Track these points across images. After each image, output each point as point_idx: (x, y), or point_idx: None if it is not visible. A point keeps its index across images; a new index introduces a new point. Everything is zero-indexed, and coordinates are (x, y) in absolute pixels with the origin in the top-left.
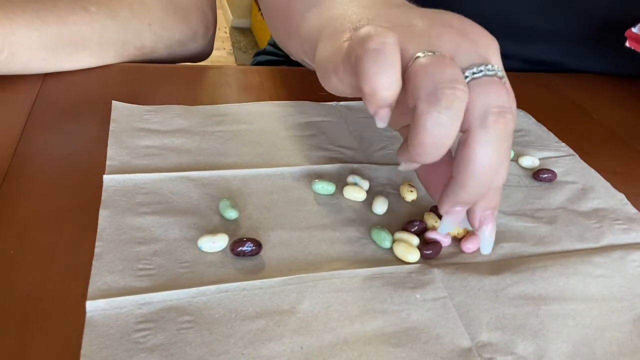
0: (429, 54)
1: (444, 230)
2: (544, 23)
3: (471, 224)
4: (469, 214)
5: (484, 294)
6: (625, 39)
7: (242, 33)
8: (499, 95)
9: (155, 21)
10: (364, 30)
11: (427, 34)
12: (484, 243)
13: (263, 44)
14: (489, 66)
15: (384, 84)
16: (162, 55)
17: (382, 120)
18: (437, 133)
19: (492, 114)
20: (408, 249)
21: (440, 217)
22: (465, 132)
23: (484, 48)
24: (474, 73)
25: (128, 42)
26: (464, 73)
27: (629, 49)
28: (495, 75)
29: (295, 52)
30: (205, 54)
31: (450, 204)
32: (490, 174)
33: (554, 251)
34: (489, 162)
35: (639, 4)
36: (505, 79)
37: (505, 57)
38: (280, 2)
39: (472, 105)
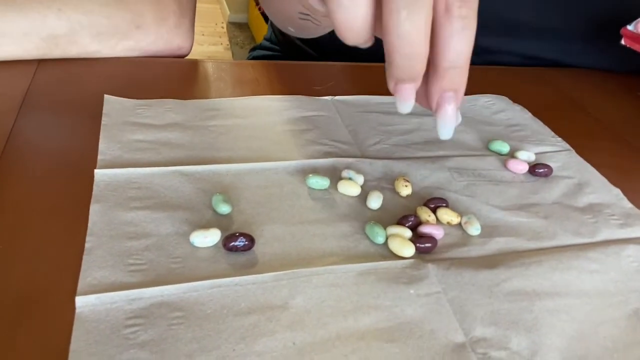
0: None
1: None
2: (540, 20)
3: (430, 107)
4: (427, 96)
5: (478, 289)
6: (620, 37)
7: (239, 28)
8: None
9: (67, 5)
10: None
11: None
12: (441, 126)
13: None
14: None
15: None
16: (95, 48)
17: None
18: (342, 16)
19: None
20: (403, 243)
21: (433, 211)
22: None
23: None
24: None
25: (29, 33)
26: None
27: (625, 46)
28: None
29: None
30: (172, 46)
31: (390, 80)
32: (408, 44)
33: (549, 246)
34: (404, 31)
35: (633, 1)
36: None
37: (501, 52)
38: None
39: None
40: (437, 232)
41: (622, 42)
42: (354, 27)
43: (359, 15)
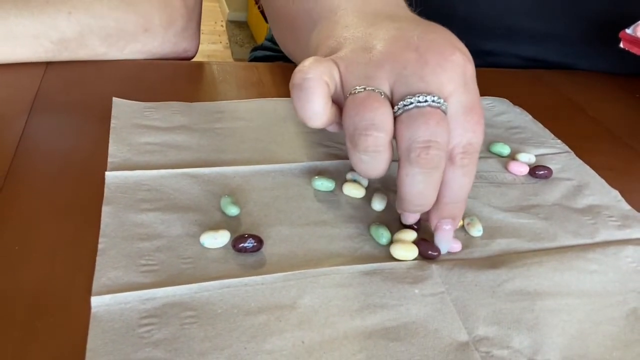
0: (360, 90)
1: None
2: (538, 25)
3: (430, 225)
4: (429, 219)
5: (481, 289)
6: (619, 40)
7: (238, 27)
8: (426, 128)
9: (77, 8)
10: (301, 63)
11: (374, 62)
12: (438, 243)
13: (260, 38)
14: (424, 97)
15: (307, 115)
16: (104, 50)
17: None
18: (364, 168)
19: (414, 149)
20: (406, 248)
21: None
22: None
23: (431, 72)
24: (404, 105)
25: (40, 36)
26: (397, 104)
27: (623, 50)
28: (429, 105)
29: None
30: (178, 50)
31: (400, 209)
32: (418, 199)
33: (549, 247)
34: (416, 190)
35: (631, 5)
36: (446, 107)
37: (501, 55)
38: (286, 19)
39: (399, 138)
40: (456, 246)
41: (621, 45)
42: (375, 174)
43: (379, 167)
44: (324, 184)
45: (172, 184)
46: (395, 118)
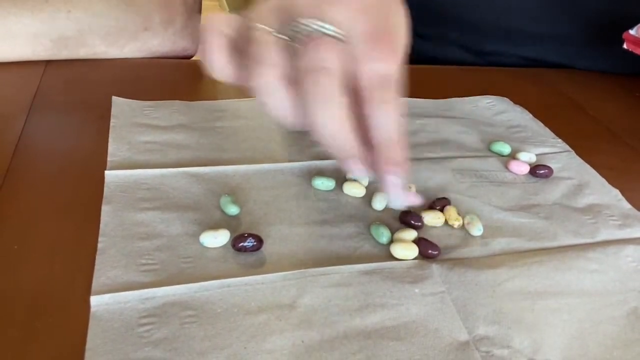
0: (255, 30)
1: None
2: (540, 25)
3: (378, 178)
4: (376, 172)
5: (481, 288)
6: (621, 41)
7: None
8: (314, 54)
9: (76, 7)
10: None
11: (271, 2)
12: (390, 198)
13: None
14: (312, 24)
15: (211, 69)
16: (103, 49)
17: None
18: (272, 113)
19: (302, 79)
20: (406, 248)
21: (441, 210)
22: None
23: (327, 4)
24: (292, 35)
25: (40, 34)
26: (287, 32)
27: (627, 51)
28: (317, 31)
29: None
30: (178, 48)
31: (335, 157)
32: (328, 136)
33: (549, 246)
34: (321, 126)
35: (632, 6)
36: (342, 36)
37: (502, 55)
38: None
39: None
40: (414, 199)
41: (625, 46)
42: (287, 119)
43: (282, 110)
44: (324, 183)
45: (172, 183)
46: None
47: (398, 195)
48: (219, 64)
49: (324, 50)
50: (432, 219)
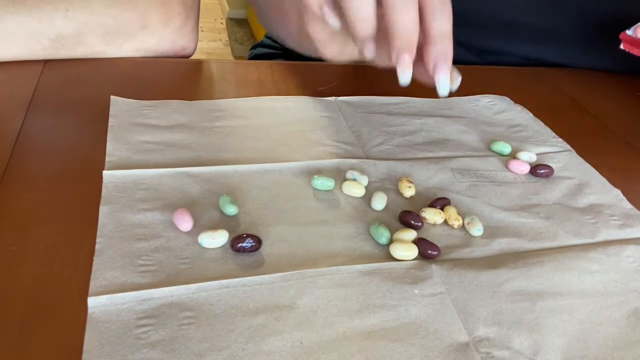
0: None
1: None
2: (539, 22)
3: (428, 70)
4: (425, 63)
5: (481, 289)
6: (619, 40)
7: (238, 24)
8: None
9: (74, 6)
10: None
11: None
12: (439, 84)
13: (260, 36)
14: None
15: None
16: (101, 48)
17: (369, 52)
18: (351, 15)
19: None
20: (406, 248)
21: (442, 208)
22: None
23: None
24: None
25: (37, 33)
26: None
27: (624, 51)
28: None
29: (289, 23)
30: (176, 47)
31: (393, 52)
32: (403, 29)
33: (550, 247)
34: (398, 7)
35: (630, 3)
36: None
37: (501, 54)
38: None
39: None
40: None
41: (622, 46)
42: (363, 20)
43: (366, 10)
44: (324, 183)
45: (171, 183)
46: None
47: (446, 81)
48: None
49: None
50: (432, 215)
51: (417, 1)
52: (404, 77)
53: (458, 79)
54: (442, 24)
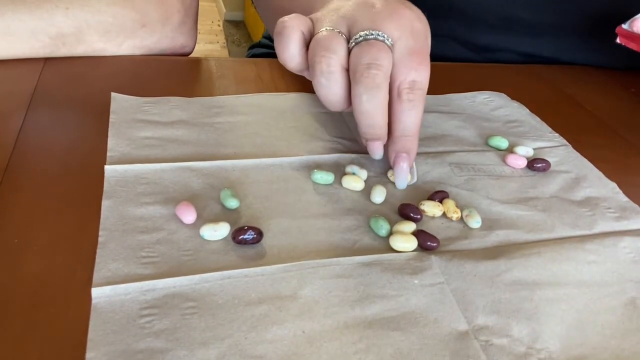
0: (322, 30)
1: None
2: (536, 18)
3: (389, 161)
4: (388, 155)
5: (480, 279)
6: (614, 34)
7: (235, 26)
8: (369, 52)
9: (74, 4)
10: (283, 17)
11: (338, 16)
12: (396, 179)
13: (257, 37)
14: (371, 32)
15: (284, 57)
16: (101, 46)
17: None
18: (323, 93)
19: (358, 70)
20: (405, 240)
21: (440, 201)
22: None
23: (381, 20)
24: (356, 39)
25: (38, 31)
26: (350, 40)
27: (620, 45)
28: (374, 39)
29: None
30: (176, 45)
31: (361, 139)
32: (366, 118)
33: (547, 238)
34: (364, 109)
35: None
36: (390, 43)
37: (498, 50)
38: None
39: (350, 65)
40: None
41: (618, 40)
42: (331, 100)
43: (333, 92)
44: (323, 177)
45: (172, 178)
46: (349, 52)
47: (404, 178)
48: (293, 53)
49: (378, 50)
50: (431, 207)
51: (385, 92)
52: (375, 156)
53: (415, 178)
54: (408, 123)
